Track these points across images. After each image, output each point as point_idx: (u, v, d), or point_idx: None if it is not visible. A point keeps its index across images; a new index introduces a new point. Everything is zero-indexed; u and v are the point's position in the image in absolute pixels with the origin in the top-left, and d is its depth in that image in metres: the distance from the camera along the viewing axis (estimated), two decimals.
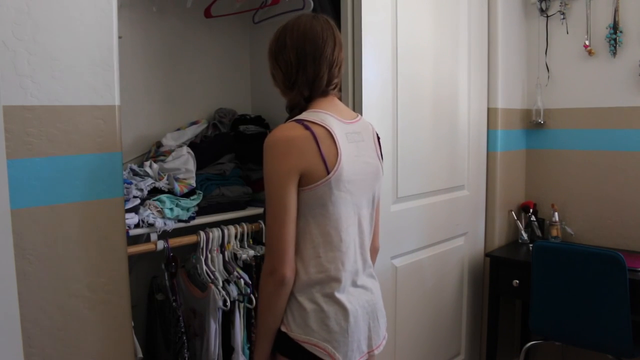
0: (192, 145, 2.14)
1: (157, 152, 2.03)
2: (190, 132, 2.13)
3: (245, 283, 1.80)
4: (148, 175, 1.83)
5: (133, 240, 1.67)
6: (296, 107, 1.31)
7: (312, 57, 1.28)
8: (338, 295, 1.27)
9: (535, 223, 2.72)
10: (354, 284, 1.32)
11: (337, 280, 1.28)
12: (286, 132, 1.23)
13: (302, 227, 1.25)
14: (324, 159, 1.22)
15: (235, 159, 2.22)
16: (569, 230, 2.68)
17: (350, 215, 1.30)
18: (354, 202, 1.30)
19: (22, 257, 1.21)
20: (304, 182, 1.22)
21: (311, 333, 1.24)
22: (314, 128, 1.23)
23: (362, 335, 1.32)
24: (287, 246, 1.22)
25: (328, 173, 1.22)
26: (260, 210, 2.01)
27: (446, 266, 2.42)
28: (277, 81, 1.35)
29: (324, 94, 1.32)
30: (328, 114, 1.28)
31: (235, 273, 1.81)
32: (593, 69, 2.61)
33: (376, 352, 1.38)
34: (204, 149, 2.08)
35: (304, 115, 1.27)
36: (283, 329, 1.26)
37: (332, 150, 1.24)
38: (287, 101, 1.34)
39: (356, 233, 1.33)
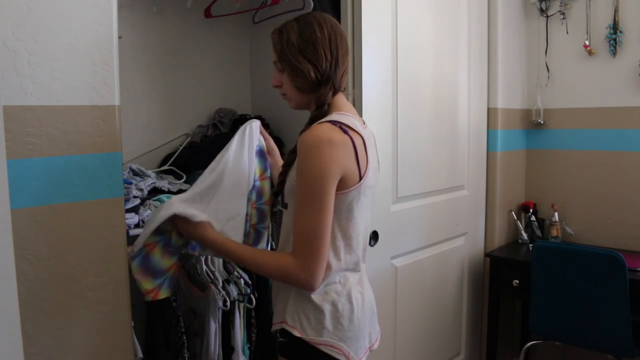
0: (192, 145, 2.14)
1: None
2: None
3: (245, 283, 1.80)
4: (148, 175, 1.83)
5: (133, 240, 1.66)
6: (325, 103, 1.28)
7: (342, 53, 1.29)
8: (352, 294, 1.29)
9: (535, 223, 2.72)
10: (361, 283, 1.34)
11: (351, 280, 1.30)
12: (329, 133, 1.19)
13: None
14: (359, 166, 1.23)
15: None
16: (569, 230, 2.68)
17: (365, 218, 1.33)
18: (368, 206, 1.33)
19: (22, 257, 1.21)
20: (339, 186, 1.21)
21: (327, 334, 1.25)
22: (351, 134, 1.22)
23: (367, 331, 1.34)
24: (326, 253, 1.20)
25: (360, 179, 1.23)
26: None
27: (446, 266, 2.42)
28: (305, 77, 1.26)
29: (342, 91, 1.33)
30: (354, 118, 1.28)
31: (235, 273, 1.81)
32: (593, 69, 2.61)
33: (375, 346, 1.40)
34: (204, 149, 2.08)
35: (335, 117, 1.24)
36: (297, 334, 1.26)
37: (364, 157, 1.25)
38: (315, 98, 1.29)
39: (366, 233, 1.37)
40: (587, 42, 2.59)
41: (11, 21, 1.17)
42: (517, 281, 2.43)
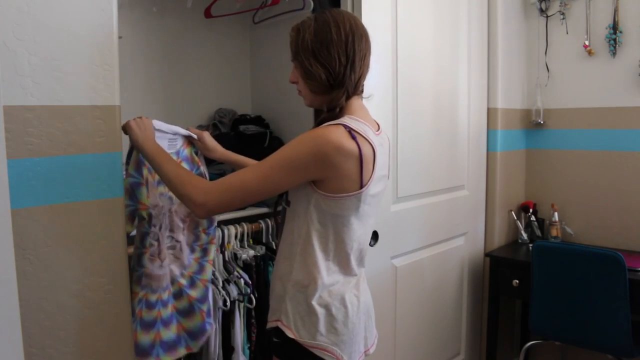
0: None
1: None
2: None
3: (245, 283, 1.81)
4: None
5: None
6: (337, 107, 1.25)
7: (360, 56, 1.25)
8: (346, 297, 1.28)
9: (535, 223, 2.72)
10: (357, 286, 1.33)
11: (346, 284, 1.30)
12: (340, 139, 1.17)
13: (319, 232, 1.25)
14: (362, 176, 1.21)
15: None
16: (568, 230, 2.68)
17: (364, 224, 1.31)
18: (370, 213, 1.32)
19: (22, 257, 1.21)
20: (330, 188, 1.20)
21: (320, 337, 1.25)
22: (362, 144, 1.19)
23: (361, 335, 1.34)
24: (232, 206, 1.24)
25: (361, 187, 1.22)
26: (260, 210, 2.01)
27: (446, 266, 2.42)
28: (316, 80, 1.24)
29: (358, 94, 1.30)
30: (367, 126, 1.24)
31: (235, 273, 1.81)
32: (593, 69, 2.61)
33: (371, 350, 1.39)
34: None
35: (347, 122, 1.21)
36: (291, 335, 1.26)
37: (369, 167, 1.22)
38: (327, 101, 1.26)
39: (364, 239, 1.35)
40: (587, 42, 2.59)
41: (11, 21, 1.17)
42: (517, 281, 2.43)
